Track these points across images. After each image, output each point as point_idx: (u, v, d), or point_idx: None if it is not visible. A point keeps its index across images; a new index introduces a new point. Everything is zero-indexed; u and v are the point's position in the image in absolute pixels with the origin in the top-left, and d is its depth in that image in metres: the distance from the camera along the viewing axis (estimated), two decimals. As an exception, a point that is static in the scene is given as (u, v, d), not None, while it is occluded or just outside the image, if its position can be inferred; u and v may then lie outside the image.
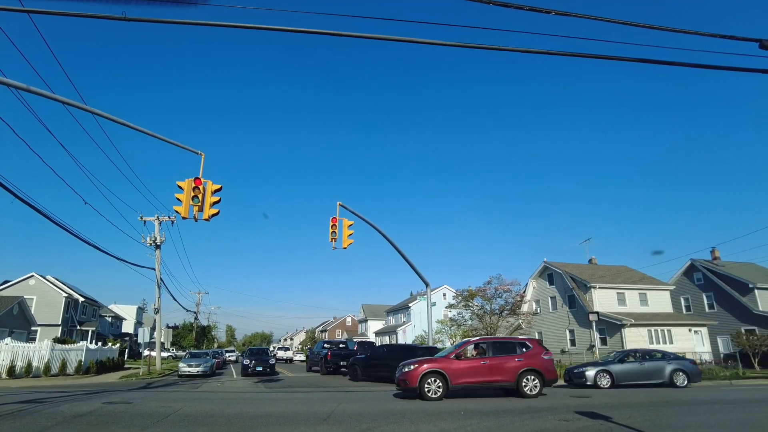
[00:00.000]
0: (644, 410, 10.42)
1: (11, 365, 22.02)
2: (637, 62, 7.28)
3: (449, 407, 11.04)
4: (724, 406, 11.73)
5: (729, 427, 8.61)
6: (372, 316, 77.96)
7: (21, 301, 37.55)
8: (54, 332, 39.40)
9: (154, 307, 30.62)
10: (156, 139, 12.54)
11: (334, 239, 19.28)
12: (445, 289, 60.62)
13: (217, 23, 6.81)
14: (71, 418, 8.74)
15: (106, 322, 60.06)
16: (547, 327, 39.23)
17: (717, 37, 7.22)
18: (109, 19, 6.46)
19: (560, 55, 7.19)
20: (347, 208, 21.05)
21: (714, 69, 7.37)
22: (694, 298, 39.84)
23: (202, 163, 12.15)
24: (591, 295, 34.61)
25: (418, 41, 7.02)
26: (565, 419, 8.96)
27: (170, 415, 9.17)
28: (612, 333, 32.79)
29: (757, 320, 34.14)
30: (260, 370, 25.82)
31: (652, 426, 8.17)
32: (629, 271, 40.54)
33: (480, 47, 6.94)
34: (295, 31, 6.83)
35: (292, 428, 7.88)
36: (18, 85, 9.78)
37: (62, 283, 46.38)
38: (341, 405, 11.27)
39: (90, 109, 11.28)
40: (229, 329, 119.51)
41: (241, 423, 8.38)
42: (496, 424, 8.38)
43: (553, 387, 18.18)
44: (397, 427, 8.03)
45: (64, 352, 24.95)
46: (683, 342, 32.49)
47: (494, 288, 32.79)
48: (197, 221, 11.75)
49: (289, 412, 10.29)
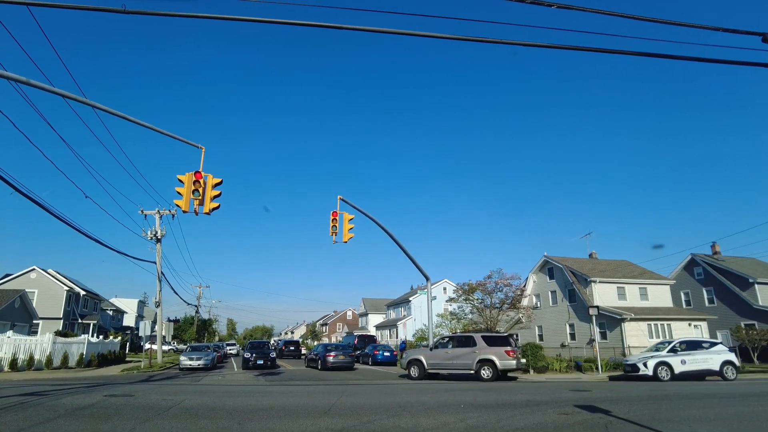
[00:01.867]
0: (643, 404, 10.46)
1: (13, 358, 22.12)
2: (639, 56, 7.23)
3: (449, 401, 11.09)
4: (723, 400, 11.78)
5: (728, 421, 8.64)
6: (372, 310, 78.18)
7: (22, 294, 37.65)
8: (55, 325, 39.56)
9: (155, 301, 30.69)
10: (157, 133, 12.52)
11: (335, 233, 19.29)
12: (445, 283, 60.71)
13: (214, 15, 6.77)
14: (73, 411, 8.79)
15: (108, 316, 60.29)
16: (547, 321, 39.33)
17: (719, 30, 7.17)
18: (109, 12, 6.43)
19: (561, 48, 7.14)
20: (348, 202, 21.05)
21: (716, 63, 7.32)
22: (694, 293, 39.90)
23: (203, 156, 12.16)
24: (591, 289, 34.66)
25: (420, 34, 6.98)
26: (564, 413, 8.99)
27: (171, 408, 9.22)
28: (612, 327, 32.88)
29: (756, 315, 34.23)
30: (261, 364, 25.96)
31: (651, 420, 8.19)
32: (629, 266, 40.57)
33: (482, 40, 6.91)
34: (292, 24, 6.79)
35: (292, 421, 7.92)
36: (18, 78, 9.74)
37: (63, 276, 46.49)
38: (342, 398, 11.32)
39: (90, 103, 11.24)
40: (230, 323, 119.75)
41: (242, 416, 8.42)
42: (495, 418, 8.41)
43: (560, 380, 18.27)
44: (397, 420, 8.07)
45: (66, 345, 25.05)
46: (683, 336, 32.56)
47: (494, 282, 32.76)
48: (198, 215, 11.77)
49: (289, 405, 10.34)
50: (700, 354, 18.64)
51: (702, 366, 18.25)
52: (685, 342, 20.02)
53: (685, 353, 18.63)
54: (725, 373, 17.93)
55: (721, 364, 18.09)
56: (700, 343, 19.88)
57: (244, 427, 7.33)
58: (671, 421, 8.22)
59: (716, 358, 18.31)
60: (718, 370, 18.03)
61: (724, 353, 18.54)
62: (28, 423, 7.52)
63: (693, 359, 18.40)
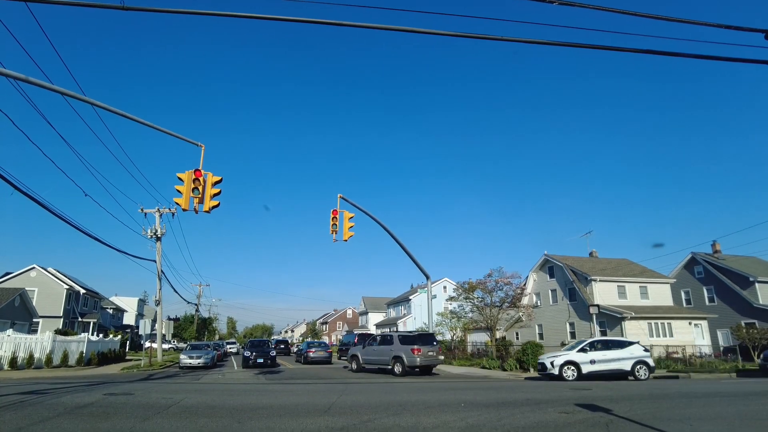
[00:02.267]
0: (644, 403, 10.43)
1: (13, 356, 22.11)
2: (640, 53, 7.19)
3: (450, 399, 11.08)
4: (723, 399, 11.75)
5: (729, 420, 8.61)
6: (373, 309, 78.18)
7: (22, 292, 37.64)
8: (55, 324, 39.55)
9: (155, 299, 30.70)
10: (157, 131, 12.48)
11: (335, 231, 19.27)
12: (445, 282, 60.69)
13: (213, 12, 6.73)
14: (73, 409, 8.77)
15: (108, 314, 60.32)
16: (547, 320, 39.32)
17: (721, 27, 7.13)
18: (108, 8, 6.38)
19: (562, 45, 7.10)
20: (348, 201, 21.02)
21: (718, 60, 7.28)
22: (694, 292, 39.88)
23: (203, 155, 12.11)
24: (591, 288, 34.65)
25: (420, 31, 6.94)
26: (565, 411, 8.97)
27: (171, 407, 9.20)
28: (612, 326, 32.87)
29: (757, 313, 34.20)
30: (261, 362, 25.97)
31: (652, 419, 8.17)
32: (630, 264, 40.55)
33: (483, 37, 6.87)
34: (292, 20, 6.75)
35: (293, 420, 7.89)
36: (17, 75, 9.71)
37: (63, 275, 46.48)
38: (342, 396, 11.30)
39: (89, 100, 11.20)
40: (230, 321, 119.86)
41: (242, 414, 8.40)
42: (496, 417, 8.39)
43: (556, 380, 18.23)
44: (398, 419, 8.05)
45: (66, 344, 25.05)
46: (683, 335, 32.57)
47: (495, 281, 32.75)
48: (198, 213, 11.75)
49: (290, 403, 10.32)
50: (612, 353, 18.35)
51: (612, 366, 17.99)
52: (600, 341, 19.82)
53: (595, 352, 18.36)
54: (636, 373, 17.77)
55: (633, 365, 17.86)
56: (616, 342, 19.61)
57: (244, 426, 7.31)
58: (672, 420, 8.19)
59: (629, 358, 18.10)
60: (630, 370, 17.84)
61: (639, 353, 18.32)
62: (28, 422, 7.50)
63: (604, 359, 18.15)
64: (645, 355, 18.44)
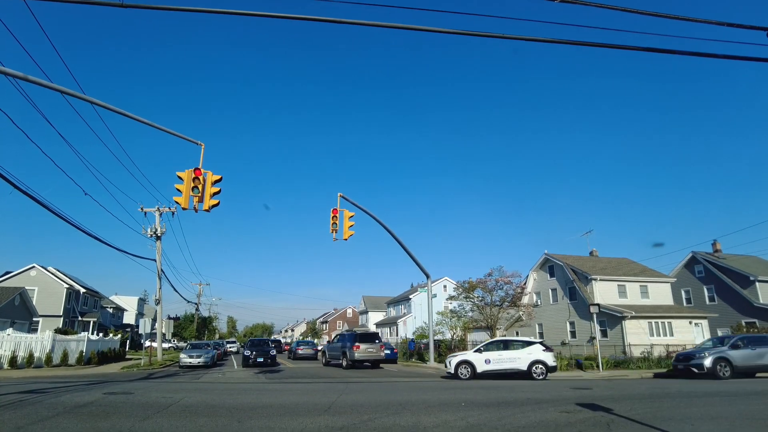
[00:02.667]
0: (645, 402, 10.41)
1: (13, 355, 22.09)
2: (641, 51, 7.16)
3: (450, 398, 11.06)
4: (724, 399, 11.71)
5: (730, 420, 8.58)
6: (373, 308, 78.14)
7: (22, 292, 37.64)
8: (55, 323, 39.57)
9: (155, 298, 30.68)
10: (156, 130, 12.45)
11: (335, 230, 19.26)
12: (445, 281, 60.66)
13: (213, 10, 6.70)
14: (72, 409, 8.75)
15: (108, 313, 60.31)
16: (547, 319, 39.30)
17: (723, 25, 7.10)
18: (107, 6, 6.35)
19: (562, 43, 7.07)
20: (348, 200, 21.00)
21: (719, 57, 7.25)
22: (694, 291, 39.86)
23: (202, 153, 12.09)
24: (592, 287, 34.62)
25: (420, 28, 6.91)
26: (566, 411, 8.95)
27: (171, 406, 9.18)
28: (613, 325, 32.85)
29: (757, 313, 34.20)
30: (261, 361, 25.97)
31: (652, 418, 8.14)
32: (630, 264, 40.52)
33: (483, 35, 6.84)
34: (291, 18, 6.72)
35: (293, 419, 7.87)
36: (16, 74, 9.68)
37: (63, 274, 46.47)
38: (342, 396, 11.29)
39: (89, 99, 11.17)
40: (230, 320, 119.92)
41: (242, 413, 8.38)
42: (497, 416, 8.37)
43: (561, 378, 18.22)
44: (398, 419, 8.03)
45: (66, 343, 25.03)
46: (683, 334, 32.54)
47: (495, 280, 32.73)
48: (197, 212, 11.72)
49: (290, 402, 10.30)
50: (508, 354, 18.56)
51: (507, 366, 18.23)
52: (502, 341, 19.94)
53: (491, 353, 18.60)
54: (533, 373, 17.97)
55: (530, 364, 18.04)
56: (517, 342, 19.66)
57: (243, 425, 7.29)
58: (673, 420, 8.17)
59: (526, 358, 18.22)
60: (526, 369, 18.04)
61: (537, 353, 18.43)
62: (27, 421, 7.48)
63: (499, 359, 18.38)
64: (544, 356, 18.59)
